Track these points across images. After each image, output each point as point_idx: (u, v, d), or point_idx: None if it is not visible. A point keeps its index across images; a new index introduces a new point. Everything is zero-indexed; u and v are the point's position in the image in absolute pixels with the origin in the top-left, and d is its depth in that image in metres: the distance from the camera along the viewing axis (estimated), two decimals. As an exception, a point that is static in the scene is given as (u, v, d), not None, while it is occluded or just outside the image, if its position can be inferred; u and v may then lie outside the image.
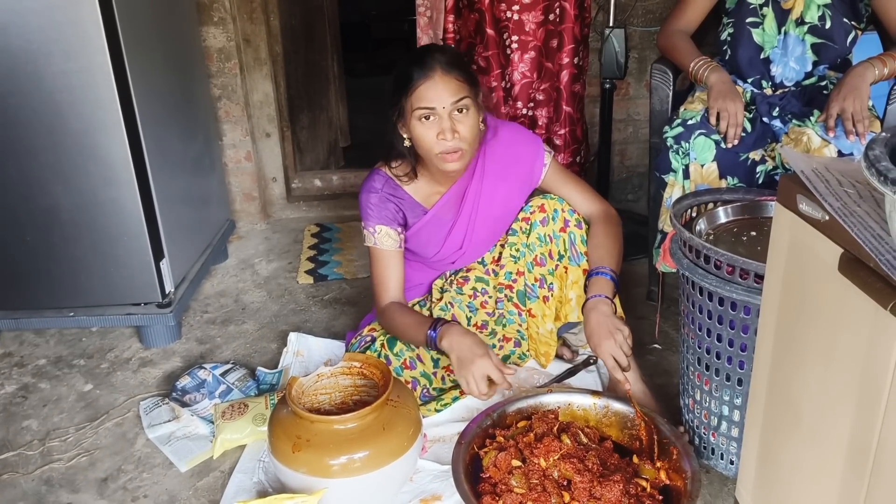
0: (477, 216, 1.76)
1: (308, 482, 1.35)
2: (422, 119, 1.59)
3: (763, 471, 1.27)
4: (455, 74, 1.58)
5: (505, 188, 1.76)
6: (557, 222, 1.73)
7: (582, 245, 1.73)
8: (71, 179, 1.92)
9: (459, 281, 1.82)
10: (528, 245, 1.75)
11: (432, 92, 1.56)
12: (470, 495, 1.36)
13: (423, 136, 1.60)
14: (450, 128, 1.58)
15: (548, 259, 1.75)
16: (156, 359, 2.06)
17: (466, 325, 1.82)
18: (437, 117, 1.58)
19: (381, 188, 1.73)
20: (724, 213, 1.54)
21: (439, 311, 1.81)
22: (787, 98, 1.91)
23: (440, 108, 1.57)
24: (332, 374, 1.55)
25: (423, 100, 1.57)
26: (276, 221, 3.04)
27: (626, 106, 2.93)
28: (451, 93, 1.57)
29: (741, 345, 1.38)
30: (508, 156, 1.76)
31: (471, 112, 1.61)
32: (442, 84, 1.56)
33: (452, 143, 1.58)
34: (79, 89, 1.85)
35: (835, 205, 0.97)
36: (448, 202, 1.76)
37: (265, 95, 2.87)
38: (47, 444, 1.74)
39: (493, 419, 1.57)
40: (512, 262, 1.77)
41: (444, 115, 1.57)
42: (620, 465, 1.43)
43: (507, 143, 1.76)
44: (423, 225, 1.76)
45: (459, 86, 1.58)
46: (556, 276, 1.75)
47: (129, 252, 2.00)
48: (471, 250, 1.81)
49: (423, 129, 1.60)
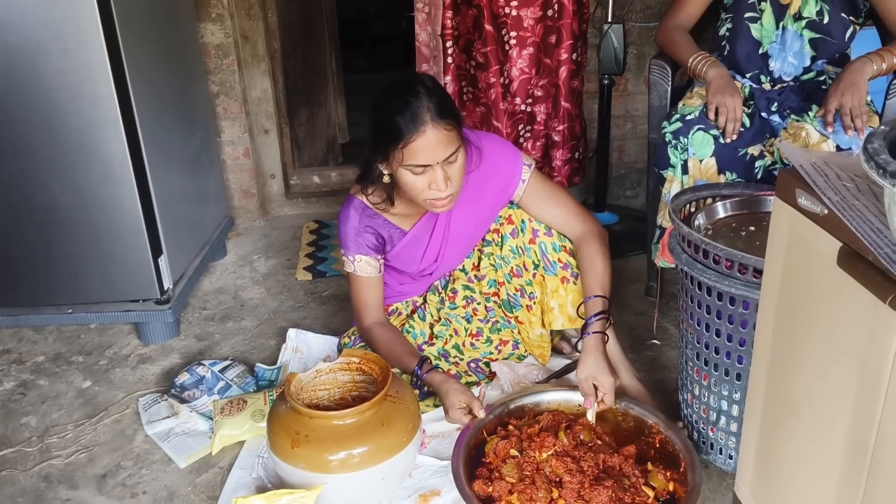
0: (450, 234, 1.74)
1: (307, 478, 1.35)
2: (413, 171, 1.52)
3: (762, 466, 1.27)
4: (445, 123, 1.48)
5: (479, 206, 1.72)
6: (526, 233, 1.71)
7: (554, 252, 1.71)
8: (69, 177, 1.92)
9: (450, 295, 1.82)
10: (503, 257, 1.74)
11: (425, 148, 1.47)
12: (466, 486, 1.36)
13: (412, 184, 1.54)
14: (443, 178, 1.51)
15: (524, 270, 1.74)
16: (154, 355, 2.06)
17: (465, 335, 1.82)
18: (430, 170, 1.51)
19: (359, 218, 1.69)
20: (723, 208, 1.54)
21: (440, 327, 1.82)
22: (786, 93, 1.91)
23: (433, 163, 1.50)
24: (330, 370, 1.55)
25: (415, 157, 1.48)
26: (274, 218, 3.04)
27: (625, 102, 2.92)
28: (444, 148, 1.49)
29: (740, 339, 1.38)
30: (483, 175, 1.69)
31: (460, 157, 1.54)
32: (435, 139, 1.47)
33: (445, 192, 1.54)
34: (77, 86, 1.84)
35: (833, 198, 0.97)
36: (425, 223, 1.74)
37: (263, 92, 2.86)
38: (46, 440, 1.74)
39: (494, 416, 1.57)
40: (493, 270, 1.77)
41: (437, 169, 1.51)
42: (626, 471, 1.42)
43: (483, 160, 1.69)
44: (403, 247, 1.74)
45: (451, 136, 1.50)
46: (536, 283, 1.74)
47: (127, 249, 2.00)
48: (445, 262, 1.80)
49: (412, 179, 1.53)
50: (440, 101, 1.50)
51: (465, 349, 1.82)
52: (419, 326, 1.84)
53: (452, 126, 1.50)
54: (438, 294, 1.86)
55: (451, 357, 1.81)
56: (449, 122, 1.49)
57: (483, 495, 1.38)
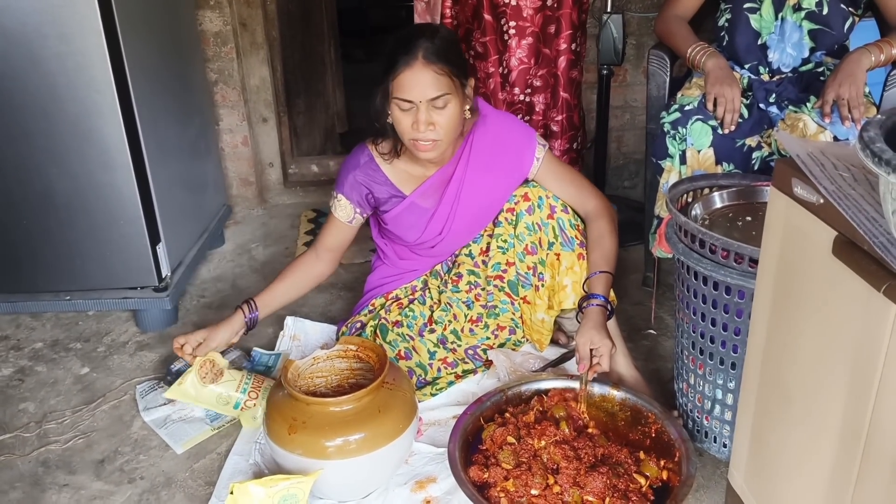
0: (459, 205, 1.75)
1: (304, 464, 1.36)
2: (400, 105, 1.57)
3: (755, 454, 1.28)
4: (438, 66, 1.53)
5: (490, 178, 1.74)
6: (544, 209, 1.72)
7: (571, 229, 1.73)
8: (66, 163, 1.92)
9: (454, 279, 1.82)
10: (517, 235, 1.74)
11: (411, 83, 1.53)
12: (461, 472, 1.37)
13: (399, 120, 1.59)
14: (425, 120, 1.55)
15: (539, 248, 1.74)
16: (152, 342, 2.07)
17: (464, 321, 1.83)
18: (415, 107, 1.55)
19: (361, 166, 1.74)
20: (720, 198, 1.54)
21: (440, 312, 1.82)
22: (784, 84, 1.91)
23: (417, 101, 1.54)
24: (328, 357, 1.56)
25: (401, 90, 1.54)
26: (272, 207, 3.04)
27: (624, 92, 2.92)
28: (430, 87, 1.53)
29: (735, 329, 1.38)
30: (497, 146, 1.73)
31: (451, 105, 1.57)
32: (422, 76, 1.52)
33: (426, 134, 1.57)
34: (74, 72, 1.84)
35: (829, 188, 0.98)
36: (430, 188, 1.75)
37: (262, 80, 2.86)
38: (44, 426, 1.74)
39: (491, 403, 1.58)
40: (500, 253, 1.77)
41: (422, 108, 1.55)
42: (620, 459, 1.43)
43: (497, 133, 1.73)
44: (402, 211, 1.75)
45: (439, 80, 1.53)
46: (548, 264, 1.75)
47: (125, 236, 2.00)
48: (450, 237, 1.80)
49: (399, 115, 1.58)
50: (442, 46, 1.55)
51: (464, 335, 1.82)
52: (419, 310, 1.84)
53: (444, 71, 1.54)
54: (441, 278, 1.87)
55: (448, 343, 1.82)
56: (441, 66, 1.53)
57: (479, 481, 1.39)
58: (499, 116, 1.77)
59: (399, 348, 1.77)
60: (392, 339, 1.78)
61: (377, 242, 1.92)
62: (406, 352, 1.77)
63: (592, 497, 1.32)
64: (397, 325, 1.81)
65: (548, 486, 1.36)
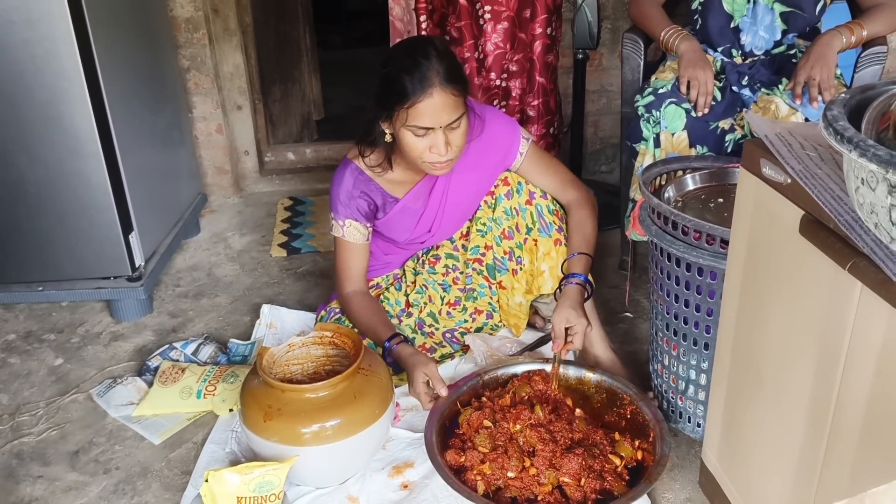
0: (447, 204, 1.74)
1: (280, 451, 1.35)
2: (415, 133, 1.52)
3: (727, 432, 1.30)
4: (453, 88, 1.49)
5: (476, 176, 1.73)
6: (522, 195, 1.72)
7: (550, 215, 1.73)
8: (36, 151, 1.89)
9: (431, 260, 1.82)
10: (495, 219, 1.74)
11: (430, 111, 1.48)
12: (437, 456, 1.37)
13: (413, 145, 1.54)
14: (444, 142, 1.52)
15: (515, 232, 1.74)
16: (127, 333, 2.05)
17: (440, 304, 1.83)
18: (431, 132, 1.52)
19: (354, 182, 1.69)
20: (692, 180, 1.55)
21: (415, 294, 1.82)
22: (757, 67, 1.92)
23: (437, 126, 1.50)
24: (303, 344, 1.55)
25: (420, 119, 1.49)
26: (248, 195, 3.02)
27: (600, 77, 2.92)
28: (450, 112, 1.50)
29: (708, 310, 1.39)
30: (484, 144, 1.71)
31: (464, 122, 1.55)
32: (441, 103, 1.48)
33: (445, 157, 1.55)
34: (42, 59, 1.81)
35: (796, 167, 0.99)
36: (419, 192, 1.74)
37: (235, 67, 2.82)
38: (17, 418, 1.72)
39: (468, 388, 1.58)
40: (479, 236, 1.77)
41: (440, 132, 1.51)
42: (595, 441, 1.44)
43: (484, 131, 1.71)
44: (394, 214, 1.74)
45: (457, 102, 1.51)
46: (526, 249, 1.75)
47: (96, 225, 1.97)
48: (439, 233, 1.80)
49: (414, 140, 1.53)
50: (450, 65, 1.51)
51: (441, 318, 1.82)
52: (394, 296, 1.84)
53: (459, 92, 1.51)
54: (418, 259, 1.86)
55: (426, 326, 1.82)
56: (456, 88, 1.50)
57: (455, 465, 1.39)
58: (485, 112, 1.73)
59: None
60: None
61: None
62: None
63: (568, 478, 1.33)
64: None
65: (524, 468, 1.36)
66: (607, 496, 1.32)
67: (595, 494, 1.32)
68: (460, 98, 1.52)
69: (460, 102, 1.52)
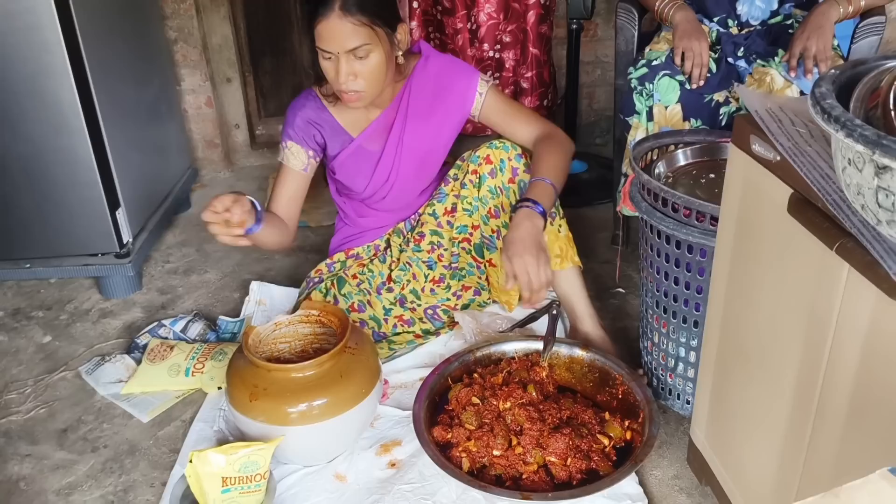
0: (402, 150, 1.71)
1: (266, 430, 1.35)
2: (322, 55, 1.52)
3: (715, 410, 1.29)
4: (355, 18, 1.46)
5: (434, 122, 1.71)
6: (506, 173, 1.69)
7: None
8: (20, 126, 1.86)
9: (416, 238, 1.80)
10: (481, 199, 1.71)
11: (328, 34, 1.48)
12: (424, 432, 1.37)
13: (324, 68, 1.54)
14: (346, 71, 1.50)
15: (502, 211, 1.72)
16: (116, 309, 2.04)
17: (424, 281, 1.81)
18: (335, 58, 1.50)
19: (307, 108, 1.69)
20: (684, 155, 1.53)
21: (398, 271, 1.80)
22: (752, 37, 1.88)
23: (335, 52, 1.49)
24: (290, 323, 1.54)
25: (320, 39, 1.49)
26: (240, 169, 2.98)
27: (595, 48, 2.87)
28: (349, 38, 1.47)
29: (697, 287, 1.38)
30: (437, 88, 1.68)
31: (374, 55, 1.51)
32: (338, 27, 1.46)
33: (348, 85, 1.52)
34: (23, 32, 1.77)
35: (786, 144, 0.96)
36: (375, 132, 1.71)
37: (224, 38, 2.77)
38: (5, 396, 1.72)
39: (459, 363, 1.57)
40: (466, 215, 1.74)
41: (342, 59, 1.49)
42: (584, 420, 1.43)
43: (436, 76, 1.69)
44: (350, 154, 1.72)
45: (358, 31, 1.47)
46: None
47: (83, 202, 1.95)
48: (399, 183, 1.76)
49: (324, 64, 1.53)
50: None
51: (424, 295, 1.81)
52: (378, 268, 1.83)
53: (364, 22, 1.47)
54: (403, 236, 1.85)
55: (407, 303, 1.81)
56: (360, 17, 1.47)
57: (442, 441, 1.39)
58: (441, 58, 1.71)
59: (353, 300, 1.76)
60: (347, 292, 1.77)
61: (336, 201, 1.90)
62: (360, 305, 1.76)
63: (554, 457, 1.33)
64: (355, 278, 1.80)
65: (510, 446, 1.36)
66: (593, 476, 1.31)
67: (581, 474, 1.31)
68: (365, 28, 1.48)
69: (364, 32, 1.48)
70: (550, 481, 1.32)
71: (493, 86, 1.71)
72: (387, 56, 1.55)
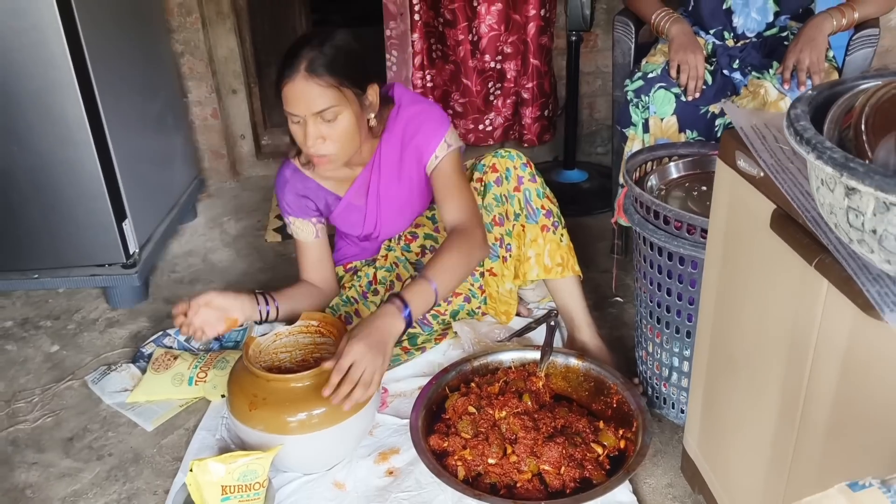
0: (381, 203, 1.73)
1: (266, 439, 1.38)
2: (291, 119, 1.49)
3: (707, 419, 1.31)
4: (321, 80, 1.42)
5: (404, 177, 1.70)
6: (511, 181, 1.71)
7: (538, 199, 1.71)
8: (27, 140, 1.90)
9: (408, 237, 1.82)
10: (486, 206, 1.73)
11: (294, 96, 1.44)
12: (421, 440, 1.40)
13: (294, 133, 1.52)
14: (314, 134, 1.47)
15: (506, 219, 1.74)
16: (122, 319, 2.07)
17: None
18: (303, 121, 1.47)
19: (292, 181, 1.70)
20: (676, 168, 1.55)
21: (384, 272, 1.83)
22: (748, 50, 1.90)
23: (302, 115, 1.46)
24: (290, 333, 1.57)
25: (287, 103, 1.46)
26: (245, 179, 3.02)
27: (595, 58, 2.90)
28: (314, 101, 1.44)
29: (689, 298, 1.40)
30: (404, 141, 1.66)
31: (342, 118, 1.48)
32: (304, 90, 1.43)
33: (317, 148, 1.49)
34: (30, 48, 1.81)
35: (768, 161, 0.98)
36: (359, 188, 1.73)
37: (230, 50, 2.82)
38: (13, 405, 1.75)
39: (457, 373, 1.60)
40: None
41: (309, 122, 1.46)
42: (578, 429, 1.45)
43: (404, 129, 1.65)
44: (341, 211, 1.75)
45: (325, 93, 1.43)
46: (514, 235, 1.75)
47: (90, 213, 1.99)
48: (386, 229, 1.80)
49: (293, 128, 1.51)
50: (331, 55, 1.44)
51: None
52: (364, 271, 1.86)
53: (331, 83, 1.44)
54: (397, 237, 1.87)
55: None
56: (327, 79, 1.43)
57: (438, 450, 1.41)
58: (411, 108, 1.65)
59: (340, 312, 1.79)
60: (335, 304, 1.80)
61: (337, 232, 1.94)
62: (347, 316, 1.78)
63: (548, 466, 1.35)
64: (345, 289, 1.83)
65: (505, 455, 1.38)
66: (587, 485, 1.33)
67: (574, 483, 1.33)
68: (332, 90, 1.44)
69: (331, 94, 1.44)
70: (544, 490, 1.34)
71: (455, 151, 1.65)
72: (356, 118, 1.51)
